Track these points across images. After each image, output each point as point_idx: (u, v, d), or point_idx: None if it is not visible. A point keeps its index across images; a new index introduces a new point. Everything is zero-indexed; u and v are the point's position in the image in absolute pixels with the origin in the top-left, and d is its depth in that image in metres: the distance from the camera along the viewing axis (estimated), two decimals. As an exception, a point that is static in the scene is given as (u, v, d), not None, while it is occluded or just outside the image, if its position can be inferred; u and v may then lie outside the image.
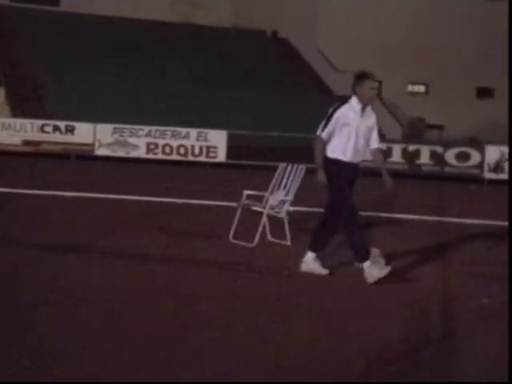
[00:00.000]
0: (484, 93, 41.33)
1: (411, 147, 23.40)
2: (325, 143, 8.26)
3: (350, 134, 8.16)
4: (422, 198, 17.68)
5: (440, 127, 37.99)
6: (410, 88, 41.68)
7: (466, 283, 8.34)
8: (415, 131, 36.86)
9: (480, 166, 22.54)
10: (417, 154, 23.04)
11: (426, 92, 41.53)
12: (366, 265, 8.02)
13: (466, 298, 7.73)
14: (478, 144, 24.95)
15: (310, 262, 8.34)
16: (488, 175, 22.29)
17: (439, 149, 23.17)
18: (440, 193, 18.86)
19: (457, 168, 22.78)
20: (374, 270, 7.96)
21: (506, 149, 22.67)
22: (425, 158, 22.99)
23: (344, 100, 8.36)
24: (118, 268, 8.27)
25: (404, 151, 23.11)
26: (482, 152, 22.67)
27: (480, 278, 8.60)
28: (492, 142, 25.02)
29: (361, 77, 8.23)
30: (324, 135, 8.21)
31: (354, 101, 8.21)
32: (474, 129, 37.07)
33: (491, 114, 39.42)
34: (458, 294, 7.95)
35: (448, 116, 38.10)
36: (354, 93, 8.22)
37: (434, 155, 22.95)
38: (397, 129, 35.49)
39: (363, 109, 8.21)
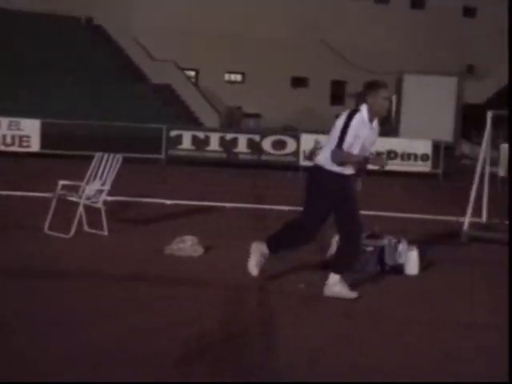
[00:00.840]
0: (298, 82, 42.34)
1: (229, 136, 23.58)
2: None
3: (357, 146, 7.24)
4: (240, 185, 17.84)
5: (257, 116, 38.58)
6: (227, 77, 42.08)
7: (283, 269, 8.43)
8: (233, 120, 37.24)
9: (296, 153, 23.02)
10: (234, 142, 23.23)
11: (243, 81, 42.07)
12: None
13: (283, 283, 7.83)
14: (294, 132, 25.50)
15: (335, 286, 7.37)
16: (303, 162, 22.80)
17: (256, 137, 23.46)
18: (258, 180, 19.11)
19: (274, 156, 23.16)
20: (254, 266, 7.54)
21: (320, 137, 23.27)
22: (242, 147, 23.22)
23: (353, 109, 7.34)
24: None
25: (222, 139, 23.25)
26: (298, 140, 23.16)
27: (296, 263, 8.72)
28: (307, 130, 25.64)
29: (373, 85, 7.36)
30: (345, 147, 7.14)
31: (364, 111, 7.29)
32: (289, 117, 37.93)
33: (306, 102, 40.50)
34: (275, 279, 8.03)
35: (264, 105, 38.76)
36: (365, 102, 7.30)
37: (251, 143, 23.23)
38: (214, 117, 35.73)
39: (371, 120, 7.35)
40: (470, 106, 33.43)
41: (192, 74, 40.40)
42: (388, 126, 35.37)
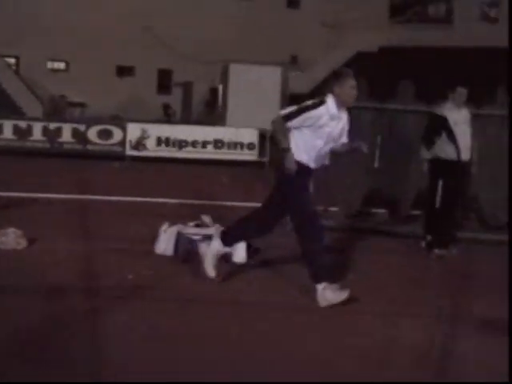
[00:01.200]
0: (124, 71, 41.84)
1: (52, 125, 22.94)
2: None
3: (320, 138, 7.19)
4: (65, 176, 17.42)
5: (82, 105, 37.86)
6: (50, 65, 41.00)
7: (111, 259, 8.29)
8: (56, 109, 36.36)
9: (122, 143, 22.74)
10: (58, 131, 22.65)
11: (67, 69, 41.12)
12: (320, 287, 7.06)
13: (111, 273, 7.69)
14: (120, 121, 25.17)
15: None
16: (130, 152, 22.55)
17: (81, 127, 22.96)
18: (83, 171, 18.72)
19: (100, 145, 22.75)
20: (328, 293, 7.01)
21: (146, 126, 23.14)
22: (67, 136, 22.67)
23: (320, 100, 7.24)
24: None
25: (45, 129, 22.59)
26: (124, 129, 22.87)
27: (124, 254, 8.60)
28: (133, 120, 25.40)
29: (340, 75, 7.29)
30: (291, 125, 7.20)
31: (330, 102, 7.21)
32: (115, 106, 37.43)
33: (132, 91, 40.11)
34: (102, 270, 7.89)
35: (90, 94, 38.06)
36: (331, 92, 7.22)
37: (76, 133, 22.72)
38: (37, 106, 34.74)
39: (338, 110, 7.25)
40: (296, 95, 34.16)
41: (12, 61, 39.07)
42: (215, 115, 35.73)
